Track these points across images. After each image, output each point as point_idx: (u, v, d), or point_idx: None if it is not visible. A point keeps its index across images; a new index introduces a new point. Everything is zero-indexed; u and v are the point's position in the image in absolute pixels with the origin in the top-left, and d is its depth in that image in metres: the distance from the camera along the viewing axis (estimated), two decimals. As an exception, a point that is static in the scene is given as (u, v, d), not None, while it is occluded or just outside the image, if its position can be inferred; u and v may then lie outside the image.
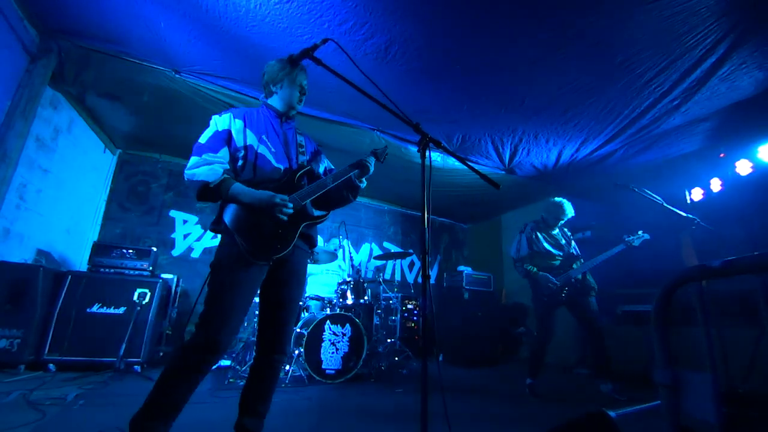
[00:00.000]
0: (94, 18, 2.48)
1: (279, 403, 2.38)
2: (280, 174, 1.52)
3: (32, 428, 1.66)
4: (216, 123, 1.49)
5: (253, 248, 1.35)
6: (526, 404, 2.66)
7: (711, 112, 3.04)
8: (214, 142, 1.44)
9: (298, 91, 1.63)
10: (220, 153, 1.42)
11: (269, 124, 1.59)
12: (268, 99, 1.65)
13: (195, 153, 1.40)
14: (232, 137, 1.47)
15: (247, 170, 1.47)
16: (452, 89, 2.98)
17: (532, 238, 3.14)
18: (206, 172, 1.35)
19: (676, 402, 0.91)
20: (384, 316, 4.14)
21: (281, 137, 1.60)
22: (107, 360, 2.87)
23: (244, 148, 1.48)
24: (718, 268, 0.87)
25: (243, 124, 1.50)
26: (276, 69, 1.60)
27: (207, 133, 1.46)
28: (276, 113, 1.63)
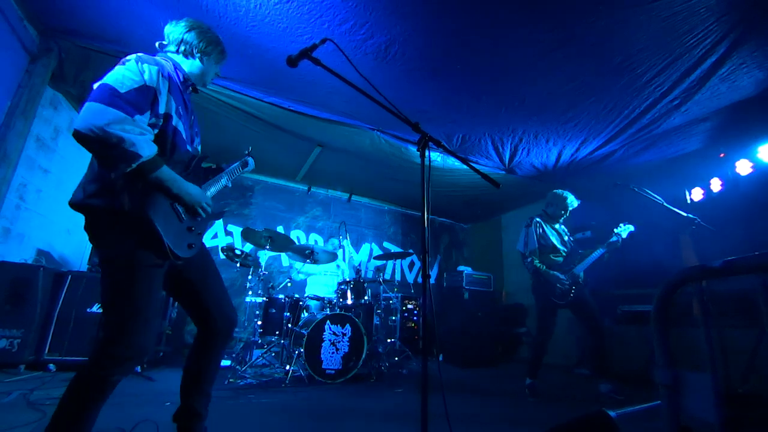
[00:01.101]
0: (94, 18, 2.48)
1: (279, 403, 2.38)
2: (188, 157, 1.32)
3: (32, 428, 1.66)
4: (143, 71, 1.14)
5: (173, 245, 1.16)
6: (526, 404, 2.66)
7: (711, 112, 3.04)
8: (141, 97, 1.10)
9: (214, 72, 1.50)
10: (146, 117, 1.12)
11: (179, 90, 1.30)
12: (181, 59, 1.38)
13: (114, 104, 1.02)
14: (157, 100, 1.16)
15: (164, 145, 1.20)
16: (452, 89, 2.98)
17: (540, 232, 3.05)
18: (141, 142, 1.05)
19: (676, 402, 0.91)
20: (384, 316, 4.14)
21: (189, 112, 1.36)
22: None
23: (164, 117, 1.19)
24: (718, 268, 0.87)
25: (167, 87, 1.21)
26: (208, 35, 1.42)
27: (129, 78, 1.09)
28: (185, 78, 1.36)
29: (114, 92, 1.04)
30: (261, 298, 3.42)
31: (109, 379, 1.09)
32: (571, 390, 3.24)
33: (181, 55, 1.39)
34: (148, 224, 1.11)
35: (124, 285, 1.12)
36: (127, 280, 1.12)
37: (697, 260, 3.44)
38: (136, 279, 1.13)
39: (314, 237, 5.51)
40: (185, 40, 1.39)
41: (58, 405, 1.06)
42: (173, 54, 1.39)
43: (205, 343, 1.41)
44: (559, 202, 3.11)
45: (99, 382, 1.08)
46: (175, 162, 1.23)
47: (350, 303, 3.47)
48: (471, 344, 4.45)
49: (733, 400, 0.88)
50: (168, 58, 1.34)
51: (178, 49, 1.39)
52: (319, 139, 3.92)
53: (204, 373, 1.40)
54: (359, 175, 4.97)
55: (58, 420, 1.04)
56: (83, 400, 1.07)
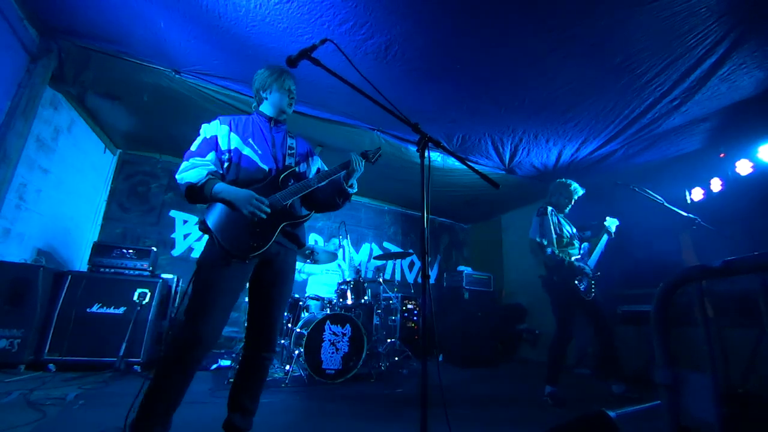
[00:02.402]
0: (95, 18, 2.48)
1: (279, 403, 2.38)
2: (264, 174, 1.57)
3: (32, 428, 1.66)
4: (204, 130, 1.57)
5: (229, 245, 1.39)
6: (525, 404, 2.66)
7: (711, 112, 3.04)
8: (202, 147, 1.52)
9: (287, 95, 1.69)
10: (208, 157, 1.50)
11: (258, 128, 1.65)
12: (260, 106, 1.72)
13: (185, 159, 1.49)
14: (217, 142, 1.54)
15: (232, 171, 1.54)
16: (452, 89, 2.98)
17: (555, 221, 2.84)
18: (193, 174, 1.44)
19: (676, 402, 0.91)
20: (384, 316, 4.14)
21: (269, 140, 1.65)
22: (107, 360, 2.87)
23: (229, 152, 1.55)
24: (718, 268, 0.87)
25: (228, 129, 1.57)
26: (264, 76, 1.67)
27: (197, 141, 1.55)
28: (266, 118, 1.69)
29: (188, 152, 1.51)
30: (261, 298, 3.41)
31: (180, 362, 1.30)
32: (572, 390, 3.24)
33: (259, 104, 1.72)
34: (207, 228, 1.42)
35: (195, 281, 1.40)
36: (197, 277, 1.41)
37: (697, 260, 3.44)
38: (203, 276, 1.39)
39: (314, 237, 5.51)
40: (255, 92, 1.72)
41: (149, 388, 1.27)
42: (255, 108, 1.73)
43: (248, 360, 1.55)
44: (563, 191, 2.99)
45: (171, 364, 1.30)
46: (244, 180, 1.51)
47: (350, 303, 3.47)
48: (471, 344, 4.45)
49: (733, 399, 0.88)
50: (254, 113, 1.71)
51: (258, 101, 1.73)
52: (319, 139, 3.92)
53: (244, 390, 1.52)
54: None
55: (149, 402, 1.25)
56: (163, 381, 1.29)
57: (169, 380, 1.29)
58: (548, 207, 2.91)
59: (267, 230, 1.47)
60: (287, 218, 1.54)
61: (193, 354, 1.31)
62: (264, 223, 1.45)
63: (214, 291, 1.37)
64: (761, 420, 0.93)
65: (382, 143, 3.83)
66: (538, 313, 5.07)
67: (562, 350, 2.72)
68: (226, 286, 1.40)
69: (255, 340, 1.55)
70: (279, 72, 1.68)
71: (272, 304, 1.56)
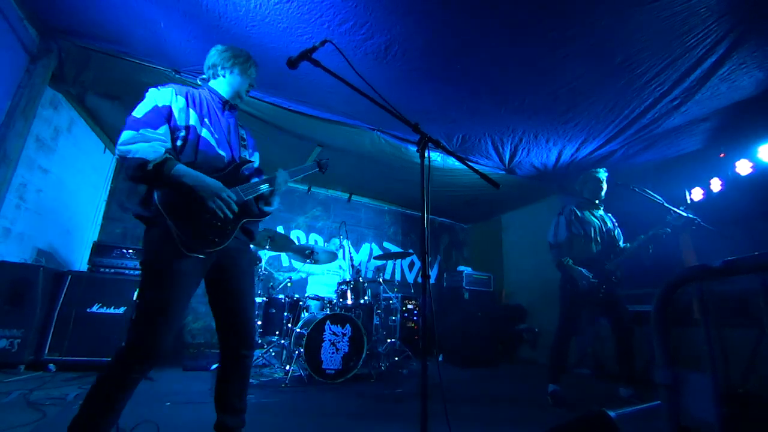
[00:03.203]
0: (95, 18, 2.48)
1: (279, 403, 2.38)
2: (223, 163, 1.43)
3: (32, 428, 1.66)
4: (155, 97, 1.34)
5: (189, 239, 1.23)
6: (525, 404, 2.66)
7: (711, 112, 3.04)
8: (154, 117, 1.29)
9: (248, 82, 1.57)
10: (160, 130, 1.28)
11: (212, 108, 1.49)
12: (211, 81, 1.55)
13: (130, 127, 1.24)
14: (172, 115, 1.34)
15: (188, 151, 1.34)
16: (452, 89, 2.98)
17: (572, 219, 2.83)
18: (145, 149, 1.21)
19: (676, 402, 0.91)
20: (384, 316, 4.14)
21: (224, 125, 1.50)
22: (107, 360, 2.84)
23: (186, 129, 1.36)
24: (718, 268, 0.87)
25: (186, 103, 1.39)
26: (229, 54, 1.53)
27: (144, 107, 1.31)
28: (220, 99, 1.53)
29: (132, 118, 1.28)
30: (261, 298, 3.42)
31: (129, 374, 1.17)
32: (572, 390, 3.24)
33: (212, 79, 1.55)
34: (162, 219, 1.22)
35: (148, 283, 1.23)
36: (151, 279, 1.23)
37: (697, 260, 3.44)
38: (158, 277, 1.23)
39: (314, 237, 5.51)
40: (210, 65, 1.54)
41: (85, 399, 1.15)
42: (210, 82, 1.56)
43: (226, 359, 1.45)
44: (591, 179, 2.93)
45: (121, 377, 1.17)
46: (201, 165, 1.34)
47: (350, 303, 3.47)
48: (471, 344, 4.45)
49: (733, 399, 0.88)
50: (204, 87, 1.54)
51: (209, 76, 1.56)
52: (319, 139, 3.92)
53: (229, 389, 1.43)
54: (359, 175, 4.97)
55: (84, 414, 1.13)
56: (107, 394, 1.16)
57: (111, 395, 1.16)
58: (568, 206, 2.91)
59: (228, 225, 1.35)
60: (248, 215, 1.44)
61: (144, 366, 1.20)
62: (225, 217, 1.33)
63: (170, 293, 1.22)
64: (761, 420, 0.93)
65: (382, 143, 3.84)
66: (538, 313, 5.07)
67: (563, 346, 2.72)
68: (184, 286, 1.25)
69: (231, 340, 1.43)
70: (246, 56, 1.55)
71: (241, 300, 1.44)
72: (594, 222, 2.89)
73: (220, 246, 1.31)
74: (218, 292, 1.43)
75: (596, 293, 2.70)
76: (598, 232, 2.86)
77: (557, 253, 2.79)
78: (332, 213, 5.71)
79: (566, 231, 2.80)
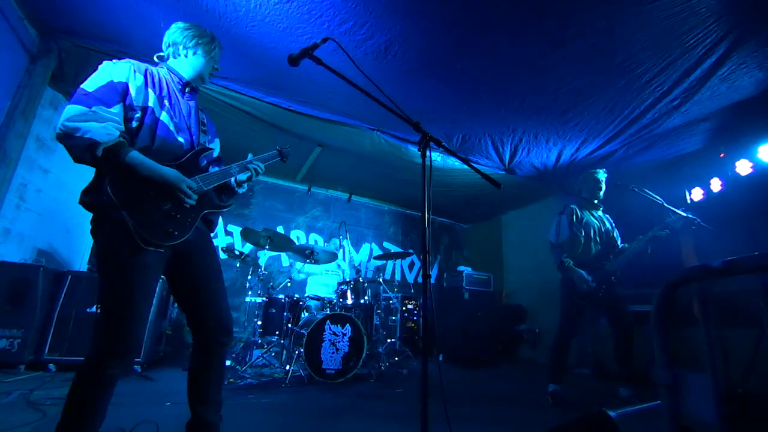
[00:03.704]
0: (94, 17, 2.49)
1: (279, 403, 2.38)
2: (182, 150, 1.34)
3: (32, 428, 1.66)
4: (110, 71, 1.22)
5: (144, 230, 1.13)
6: (525, 404, 2.66)
7: (711, 112, 3.04)
8: (107, 93, 1.18)
9: (212, 65, 1.47)
10: (114, 109, 1.17)
11: (172, 89, 1.38)
12: (170, 60, 1.43)
13: (79, 101, 1.13)
14: (128, 93, 1.23)
15: (144, 135, 1.24)
16: (452, 89, 2.98)
17: (573, 220, 2.84)
18: (97, 129, 1.10)
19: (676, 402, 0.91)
20: (384, 316, 4.14)
21: (184, 108, 1.41)
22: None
23: (142, 109, 1.25)
24: (718, 268, 0.87)
25: (144, 82, 1.28)
26: (191, 32, 1.41)
27: (96, 80, 1.19)
28: (180, 80, 1.42)
29: (81, 91, 1.15)
30: (261, 298, 3.42)
31: (102, 373, 1.12)
32: (572, 390, 3.24)
33: (172, 58, 1.43)
34: (115, 209, 1.12)
35: (106, 278, 1.16)
36: (108, 273, 1.16)
37: (697, 260, 3.44)
38: (116, 271, 1.15)
39: (314, 237, 5.51)
40: (171, 42, 1.42)
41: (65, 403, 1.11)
42: (169, 61, 1.44)
43: (200, 351, 1.37)
44: (589, 179, 2.96)
45: (94, 376, 1.12)
46: (158, 151, 1.25)
47: (350, 303, 3.47)
48: (471, 344, 4.45)
49: (733, 399, 0.88)
50: (163, 65, 1.42)
51: (168, 54, 1.43)
52: (319, 139, 3.92)
53: (207, 382, 1.35)
54: (359, 175, 4.97)
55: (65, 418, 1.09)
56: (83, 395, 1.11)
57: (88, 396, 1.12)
58: (570, 205, 2.92)
59: (188, 217, 1.27)
60: (208, 206, 1.36)
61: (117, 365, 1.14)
62: (186, 208, 1.26)
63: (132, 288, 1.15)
64: (761, 420, 0.93)
65: (382, 143, 3.84)
66: (538, 313, 5.07)
67: (564, 346, 2.73)
68: (144, 279, 1.18)
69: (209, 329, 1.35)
70: (211, 36, 1.45)
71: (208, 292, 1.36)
72: (593, 222, 2.91)
73: (179, 239, 1.23)
74: (182, 286, 1.36)
75: (596, 294, 2.71)
76: (597, 232, 2.88)
77: (558, 252, 2.81)
78: (332, 213, 5.71)
79: (568, 231, 2.81)
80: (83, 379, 1.13)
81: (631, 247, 2.82)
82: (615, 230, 3.01)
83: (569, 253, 2.78)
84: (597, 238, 2.86)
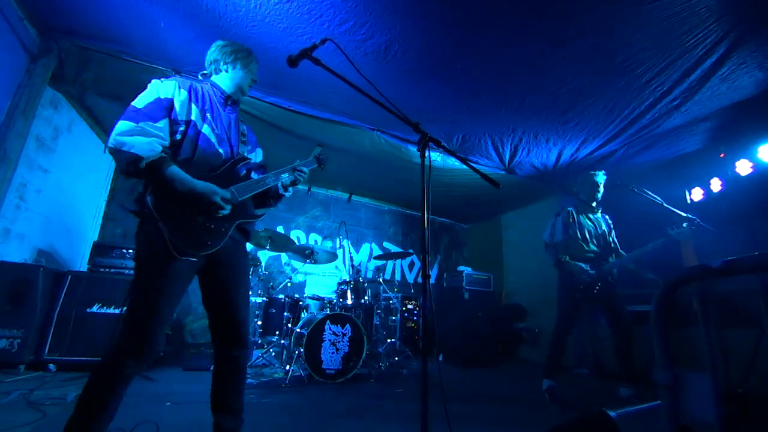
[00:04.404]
0: (95, 18, 2.48)
1: (279, 403, 2.38)
2: (220, 160, 1.41)
3: (32, 428, 1.66)
4: (157, 88, 1.32)
5: (179, 242, 1.22)
6: (525, 404, 2.66)
7: (711, 112, 3.04)
8: (154, 109, 1.27)
9: (250, 77, 1.57)
10: (160, 124, 1.26)
11: (214, 103, 1.48)
12: (213, 76, 1.54)
13: (128, 118, 1.21)
14: (174, 108, 1.32)
15: (186, 147, 1.33)
16: (452, 89, 2.98)
17: (569, 222, 2.90)
18: (142, 144, 1.18)
19: (676, 402, 0.91)
20: (384, 316, 4.14)
21: (225, 120, 1.49)
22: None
23: (186, 123, 1.34)
24: (718, 268, 0.87)
25: (188, 97, 1.37)
26: (230, 49, 1.53)
27: (145, 98, 1.29)
28: (222, 93, 1.51)
29: (131, 108, 1.26)
30: (261, 298, 3.42)
31: (121, 370, 1.18)
32: (572, 390, 3.24)
33: (214, 74, 1.54)
34: (154, 221, 1.22)
35: (138, 281, 1.23)
36: (141, 277, 1.23)
37: (697, 260, 3.44)
38: (148, 277, 1.23)
39: (314, 237, 5.51)
40: (212, 60, 1.54)
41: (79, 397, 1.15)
42: (212, 77, 1.55)
43: (218, 360, 1.44)
44: (587, 181, 3.02)
45: (113, 373, 1.17)
46: (198, 162, 1.33)
47: (350, 303, 3.47)
48: (471, 344, 4.45)
49: (733, 399, 0.88)
50: (206, 82, 1.53)
51: (211, 71, 1.55)
52: (319, 139, 3.91)
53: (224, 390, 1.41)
54: (359, 175, 4.97)
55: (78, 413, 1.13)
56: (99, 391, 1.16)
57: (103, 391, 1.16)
58: (567, 208, 2.99)
59: (221, 227, 1.34)
60: (243, 216, 1.42)
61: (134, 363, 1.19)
62: (219, 218, 1.32)
63: (161, 293, 1.22)
64: (761, 420, 0.93)
65: (382, 143, 3.84)
66: (538, 313, 5.07)
67: (560, 342, 2.78)
68: (174, 286, 1.25)
69: (226, 340, 1.42)
70: (248, 51, 1.55)
71: (235, 300, 1.42)
72: (589, 225, 2.97)
73: (213, 249, 1.30)
74: (211, 290, 1.41)
75: (593, 288, 2.76)
76: (593, 235, 2.94)
77: (553, 252, 2.87)
78: (332, 213, 5.71)
79: (563, 233, 2.87)
80: (101, 375, 1.17)
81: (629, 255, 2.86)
82: (612, 232, 3.04)
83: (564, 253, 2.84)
84: (594, 240, 2.91)
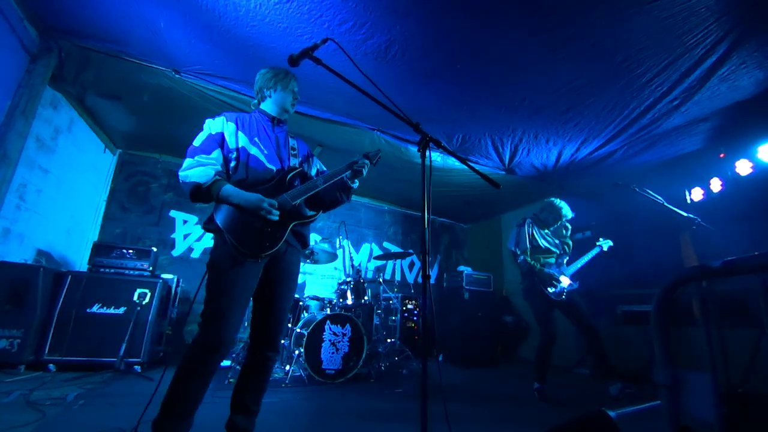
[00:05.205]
0: (94, 18, 2.48)
1: (279, 403, 2.38)
2: (271, 174, 1.58)
3: (32, 428, 1.66)
4: (209, 126, 1.55)
5: (242, 245, 1.40)
6: (525, 404, 2.66)
7: (711, 112, 3.04)
8: (208, 144, 1.50)
9: (291, 96, 1.71)
10: (213, 155, 1.48)
11: (261, 127, 1.66)
12: (261, 104, 1.72)
13: (189, 155, 1.45)
14: (224, 140, 1.53)
15: (240, 171, 1.53)
16: (452, 89, 2.98)
17: (532, 234, 3.06)
18: (199, 173, 1.41)
19: (676, 402, 0.91)
20: (384, 316, 4.14)
21: (273, 140, 1.67)
22: (107, 360, 2.87)
23: (237, 150, 1.55)
24: (718, 268, 0.87)
25: (235, 127, 1.57)
26: (269, 75, 1.69)
27: (201, 137, 1.52)
28: (269, 117, 1.70)
29: (191, 147, 1.48)
30: (261, 298, 3.41)
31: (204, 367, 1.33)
32: (572, 390, 3.24)
33: (262, 102, 1.72)
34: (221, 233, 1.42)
35: (213, 284, 1.40)
36: (214, 280, 1.41)
37: (697, 260, 3.44)
38: (220, 281, 1.39)
39: (314, 237, 5.51)
40: (257, 90, 1.72)
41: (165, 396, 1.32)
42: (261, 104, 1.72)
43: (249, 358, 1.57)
44: (553, 211, 3.14)
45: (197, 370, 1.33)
46: (252, 180, 1.52)
47: (350, 303, 3.47)
48: (471, 344, 4.45)
49: (733, 399, 0.88)
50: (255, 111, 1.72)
51: (258, 99, 1.73)
52: (319, 139, 3.92)
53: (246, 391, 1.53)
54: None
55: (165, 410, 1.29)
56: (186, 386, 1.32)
57: (188, 385, 1.32)
58: (527, 219, 3.13)
59: (277, 230, 1.50)
60: (296, 218, 1.58)
61: (214, 358, 1.35)
62: (274, 223, 1.48)
63: (230, 292, 1.38)
64: (761, 420, 0.93)
65: (382, 143, 3.83)
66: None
67: (546, 352, 2.86)
68: (242, 286, 1.42)
69: (260, 340, 1.55)
70: (284, 72, 1.71)
71: (277, 303, 1.57)
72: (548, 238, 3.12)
73: (271, 249, 1.46)
74: (261, 294, 1.55)
75: (561, 295, 2.89)
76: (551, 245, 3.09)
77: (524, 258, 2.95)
78: (332, 213, 5.70)
79: (527, 241, 2.99)
80: (186, 374, 1.32)
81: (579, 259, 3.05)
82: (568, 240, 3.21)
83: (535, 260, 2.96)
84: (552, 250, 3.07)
